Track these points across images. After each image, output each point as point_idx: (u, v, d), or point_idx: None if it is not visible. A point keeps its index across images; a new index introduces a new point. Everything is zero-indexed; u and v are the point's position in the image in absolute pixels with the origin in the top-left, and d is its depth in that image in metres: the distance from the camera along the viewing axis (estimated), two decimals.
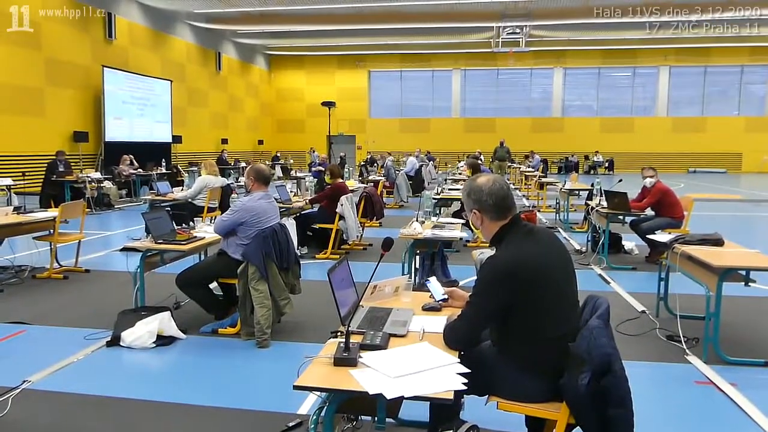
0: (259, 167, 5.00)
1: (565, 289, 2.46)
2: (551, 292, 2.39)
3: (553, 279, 2.41)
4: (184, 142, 23.05)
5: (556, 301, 2.40)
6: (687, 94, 31.02)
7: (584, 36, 25.65)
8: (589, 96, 31.89)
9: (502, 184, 2.55)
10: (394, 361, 2.27)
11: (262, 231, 4.69)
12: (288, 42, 29.12)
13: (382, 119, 33.04)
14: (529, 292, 2.35)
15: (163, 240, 5.00)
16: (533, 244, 2.46)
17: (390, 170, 15.65)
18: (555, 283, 2.41)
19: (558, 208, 11.98)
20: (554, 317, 2.39)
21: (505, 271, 2.36)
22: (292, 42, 29.03)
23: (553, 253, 2.48)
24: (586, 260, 7.81)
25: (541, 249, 2.45)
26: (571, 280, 2.51)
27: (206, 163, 9.48)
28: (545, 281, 2.37)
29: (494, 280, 2.38)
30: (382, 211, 9.44)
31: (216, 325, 4.99)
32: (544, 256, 2.42)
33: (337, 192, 8.04)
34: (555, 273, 2.43)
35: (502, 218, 2.54)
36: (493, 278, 2.38)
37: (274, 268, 4.69)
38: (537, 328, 2.39)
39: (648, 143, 30.63)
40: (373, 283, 3.02)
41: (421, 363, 2.27)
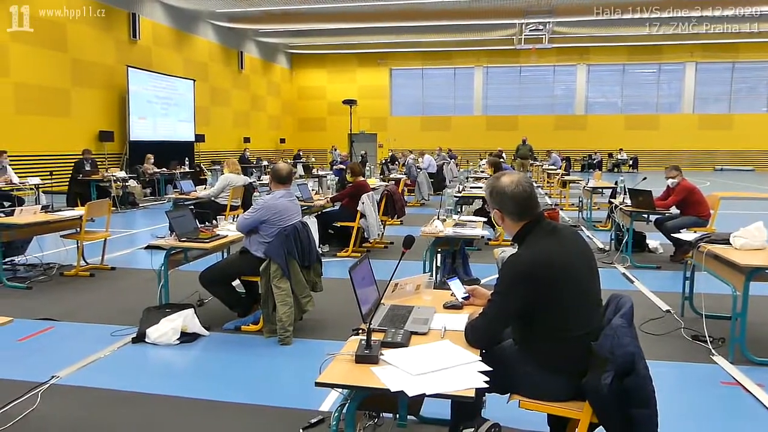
0: (277, 167, 5.03)
1: (588, 288, 2.44)
2: (574, 290, 2.37)
3: (576, 278, 2.39)
4: (207, 141, 23.26)
5: (578, 299, 2.39)
6: (714, 91, 30.49)
7: (608, 32, 25.35)
8: (613, 93, 31.52)
9: (526, 184, 2.53)
10: (416, 359, 2.27)
11: (284, 229, 4.71)
12: (309, 40, 29.23)
13: (403, 117, 33.01)
14: (551, 291, 2.33)
15: (187, 238, 5.06)
16: (556, 242, 2.44)
17: (411, 168, 15.64)
18: (578, 282, 2.39)
19: (581, 206, 11.87)
20: (577, 316, 2.38)
21: (528, 269, 2.35)
22: (313, 40, 29.13)
23: (576, 252, 2.46)
24: (610, 259, 7.74)
25: (564, 247, 2.43)
26: (595, 278, 2.49)
27: (229, 162, 9.56)
28: (568, 280, 2.36)
29: (516, 278, 2.37)
30: (403, 209, 9.44)
31: (239, 322, 5.03)
32: (567, 255, 2.41)
33: (359, 190, 8.05)
34: (578, 271, 2.41)
35: (524, 218, 2.53)
36: (515, 276, 2.38)
37: (296, 266, 4.72)
38: (559, 327, 2.37)
39: (673, 141, 30.19)
40: (395, 281, 3.02)
41: (443, 361, 2.27)
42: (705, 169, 29.71)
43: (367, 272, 2.86)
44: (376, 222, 7.99)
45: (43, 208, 7.27)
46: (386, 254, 8.14)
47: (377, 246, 8.70)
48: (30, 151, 15.55)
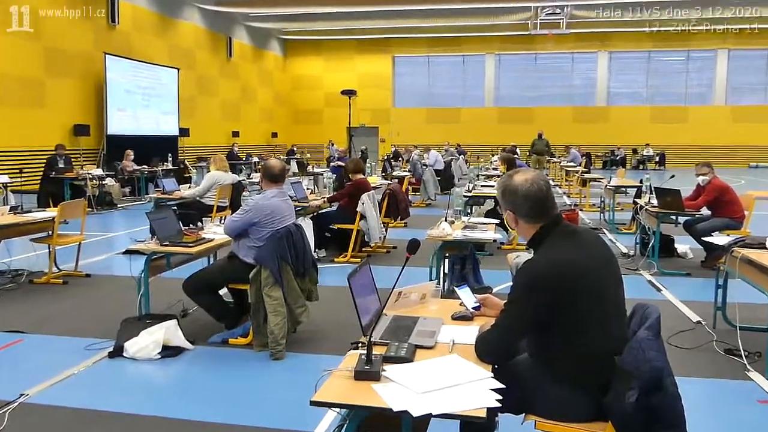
0: (268, 164, 5.03)
1: (610, 297, 2.44)
2: (595, 299, 2.37)
3: (598, 285, 2.39)
4: (192, 135, 23.30)
5: (600, 309, 2.38)
6: (748, 80, 30.48)
7: (631, 16, 25.36)
8: (638, 83, 31.52)
9: (541, 183, 2.53)
10: (421, 375, 2.27)
11: (276, 232, 4.71)
12: (304, 25, 29.27)
13: (407, 109, 33.04)
14: (570, 300, 2.33)
15: (170, 242, 5.05)
16: (575, 246, 2.44)
17: (416, 165, 15.65)
18: (599, 290, 2.39)
19: (603, 206, 11.86)
20: (598, 328, 2.37)
21: (544, 276, 2.34)
22: (309, 25, 29.16)
23: (598, 257, 2.46)
24: (635, 265, 7.73)
25: (584, 252, 2.43)
26: (618, 286, 2.49)
27: (216, 158, 9.56)
28: (588, 288, 2.35)
29: (532, 286, 2.36)
30: (408, 210, 9.43)
31: (226, 334, 5.02)
32: (588, 260, 2.41)
33: (358, 189, 8.05)
34: (600, 279, 2.41)
35: (540, 220, 2.53)
36: (530, 284, 2.37)
37: (290, 272, 4.71)
38: (579, 340, 2.37)
39: (704, 135, 30.18)
40: (398, 289, 3.02)
41: (451, 377, 2.26)
42: (739, 165, 29.68)
43: (367, 280, 2.85)
44: (377, 224, 7.99)
45: (11, 209, 7.27)
46: (389, 260, 8.14)
47: (379, 251, 8.69)
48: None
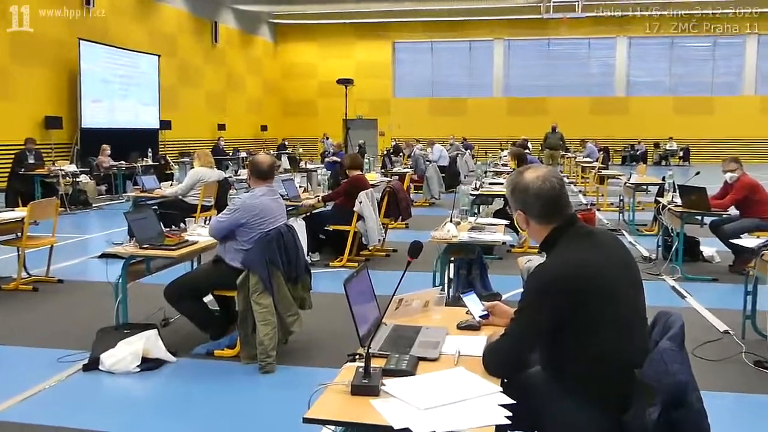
0: (256, 160, 5.03)
1: (630, 304, 2.44)
2: (613, 306, 2.37)
3: (616, 291, 2.39)
4: (175, 129, 23.30)
5: (619, 317, 2.38)
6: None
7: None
8: (660, 71, 31.54)
9: (554, 181, 2.53)
10: (424, 390, 2.26)
11: (265, 234, 4.71)
12: (297, 8, 29.27)
13: (409, 99, 33.06)
14: (586, 307, 2.33)
15: (150, 245, 5.05)
16: (591, 249, 2.44)
17: (418, 161, 15.64)
18: (618, 297, 2.39)
19: (622, 206, 11.86)
20: (617, 338, 2.37)
21: (558, 281, 2.35)
22: (301, 8, 29.16)
23: (616, 261, 2.46)
24: (657, 269, 7.73)
25: (602, 255, 2.43)
26: (638, 292, 2.49)
27: (200, 153, 9.56)
28: (606, 294, 2.36)
29: (544, 292, 2.37)
30: (409, 209, 9.44)
31: (211, 345, 5.02)
32: (605, 264, 2.41)
33: (356, 187, 8.06)
34: (618, 284, 2.41)
35: (553, 221, 2.53)
36: (542, 290, 2.37)
37: (280, 278, 4.72)
38: (596, 351, 2.37)
39: (732, 127, 30.18)
40: (399, 296, 3.02)
41: (456, 392, 2.26)
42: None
43: (365, 286, 2.85)
44: (376, 225, 7.99)
45: None
46: (388, 264, 8.15)
47: (378, 254, 8.70)
48: None
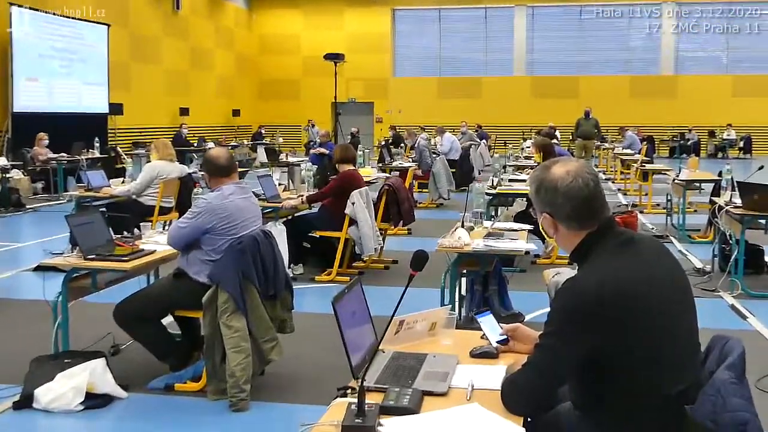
0: (211, 155, 5.02)
1: (679, 327, 2.44)
2: (659, 329, 2.37)
3: (662, 311, 2.39)
4: (127, 114, 23.25)
5: (666, 342, 2.38)
6: None
7: None
8: (716, 44, 31.56)
9: (587, 177, 2.53)
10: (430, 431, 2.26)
11: (237, 241, 4.70)
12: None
13: (411, 79, 33.10)
14: (626, 331, 2.33)
15: (96, 255, 5.04)
16: (632, 260, 2.44)
17: (423, 153, 15.64)
18: (665, 318, 2.39)
19: (670, 207, 11.86)
20: (664, 366, 2.37)
21: (592, 299, 2.34)
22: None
23: (663, 274, 2.46)
24: (712, 284, 7.72)
25: (645, 268, 2.43)
26: (689, 313, 2.49)
27: (158, 144, 9.54)
28: (650, 314, 2.36)
29: (576, 312, 2.36)
30: (412, 212, 9.42)
31: (171, 378, 5.01)
32: (649, 279, 2.41)
33: (347, 185, 8.04)
34: (665, 303, 2.41)
35: (586, 226, 2.53)
36: (573, 310, 2.37)
37: (256, 295, 4.70)
38: (639, 383, 2.37)
39: None
40: (399, 317, 3.01)
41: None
42: None
43: (359, 305, 2.84)
44: (372, 231, 7.98)
45: None
46: (387, 278, 8.14)
47: (374, 266, 8.69)
48: None
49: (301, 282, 7.72)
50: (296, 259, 8.17)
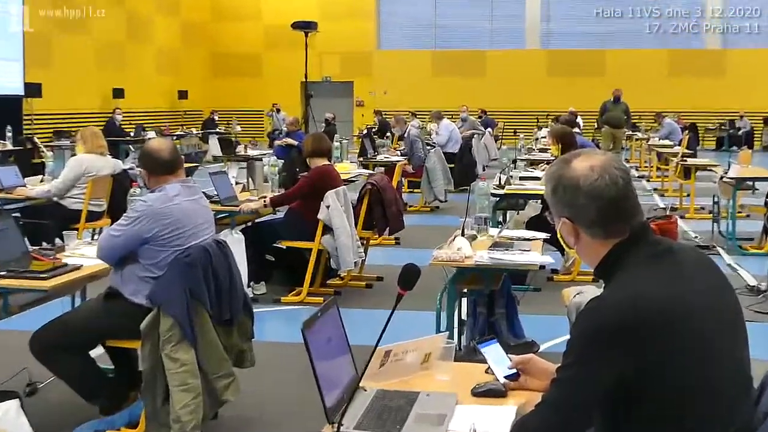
0: (150, 148, 5.01)
1: (726, 356, 2.45)
2: (701, 359, 2.37)
3: (706, 337, 2.39)
4: (47, 96, 23.16)
5: (709, 375, 2.39)
6: None
7: None
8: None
9: (616, 174, 2.53)
10: None
11: (184, 254, 4.70)
12: None
13: (400, 53, 33.13)
14: (663, 362, 2.33)
15: (8, 271, 5.02)
16: (670, 275, 2.44)
17: (415, 144, 15.63)
18: (708, 345, 2.40)
19: (717, 212, 11.90)
20: (707, 404, 2.38)
21: (621, 321, 2.34)
22: None
23: (707, 293, 2.47)
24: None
25: (685, 284, 2.44)
26: (738, 339, 2.50)
27: (86, 133, 9.50)
28: (691, 341, 2.36)
29: (602, 340, 2.36)
30: (401, 217, 9.43)
31: (102, 424, 4.99)
32: (691, 298, 2.41)
33: (321, 184, 8.04)
34: (710, 327, 2.41)
35: (614, 233, 2.53)
36: (599, 338, 2.37)
37: (207, 320, 4.70)
38: (678, 426, 2.38)
39: None
40: (385, 346, 3.01)
41: None
42: None
43: (335, 332, 2.84)
44: (351, 241, 7.98)
45: None
46: (370, 299, 8.17)
47: (354, 284, 8.71)
48: None
49: (263, 304, 7.72)
50: (257, 276, 8.17)
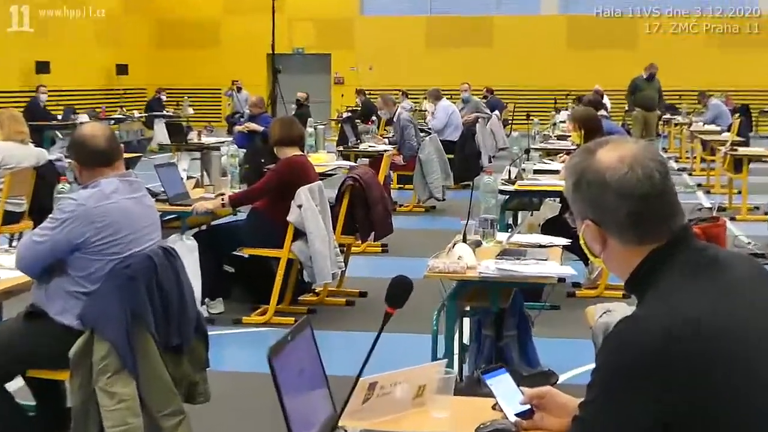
0: (82, 135, 5.01)
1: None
2: (760, 389, 2.38)
3: (765, 362, 2.40)
4: None
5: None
6: None
7: None
8: None
9: (651, 166, 2.52)
10: None
11: (123, 264, 4.70)
12: None
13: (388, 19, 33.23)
14: (711, 393, 2.33)
15: None
16: (719, 289, 2.44)
17: (407, 131, 15.64)
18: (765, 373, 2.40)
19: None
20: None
21: (658, 346, 2.33)
22: None
23: (764, 309, 2.48)
24: None
25: (737, 300, 2.44)
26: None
27: (2, 117, 9.50)
28: (746, 368, 2.35)
29: (634, 367, 2.35)
30: (389, 219, 9.45)
31: None
32: (743, 317, 2.41)
33: (291, 179, 8.05)
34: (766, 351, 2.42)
35: (649, 238, 2.53)
36: (632, 366, 2.36)
37: (152, 346, 4.70)
38: None
39: None
40: (370, 378, 3.02)
41: None
42: None
43: (308, 359, 2.84)
44: (328, 248, 7.99)
45: None
46: (351, 319, 8.20)
47: (332, 301, 8.73)
48: None
49: (221, 325, 7.73)
50: (214, 291, 8.16)
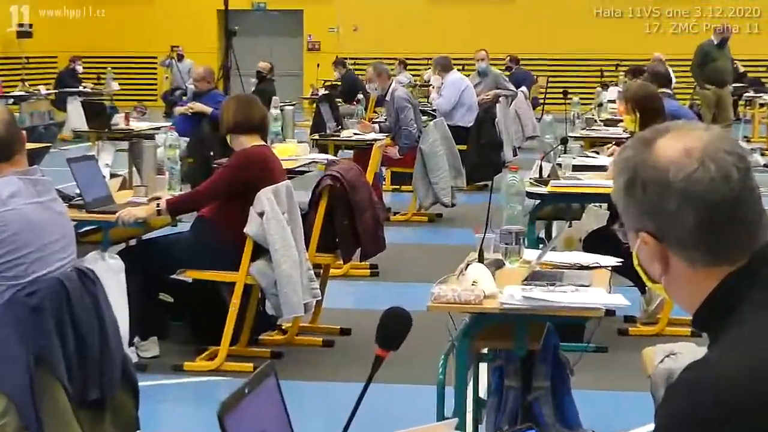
0: None
1: None
2: None
3: None
4: None
5: None
6: None
7: None
8: None
9: (727, 162, 2.52)
10: None
11: (25, 291, 4.72)
12: None
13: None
14: None
15: None
16: None
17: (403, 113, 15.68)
18: None
19: None
20: None
21: (739, 405, 2.34)
22: None
23: None
24: None
25: None
26: None
27: None
28: None
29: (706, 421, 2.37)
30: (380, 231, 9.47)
31: None
32: None
33: (249, 176, 8.08)
34: None
35: (725, 258, 2.53)
36: (703, 421, 2.38)
37: (64, 400, 4.71)
38: None
39: None
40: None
41: None
42: None
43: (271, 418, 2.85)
44: (298, 271, 8.00)
45: None
46: (329, 364, 8.24)
47: (303, 340, 8.77)
48: None
49: (155, 373, 7.76)
50: (146, 328, 8.18)
